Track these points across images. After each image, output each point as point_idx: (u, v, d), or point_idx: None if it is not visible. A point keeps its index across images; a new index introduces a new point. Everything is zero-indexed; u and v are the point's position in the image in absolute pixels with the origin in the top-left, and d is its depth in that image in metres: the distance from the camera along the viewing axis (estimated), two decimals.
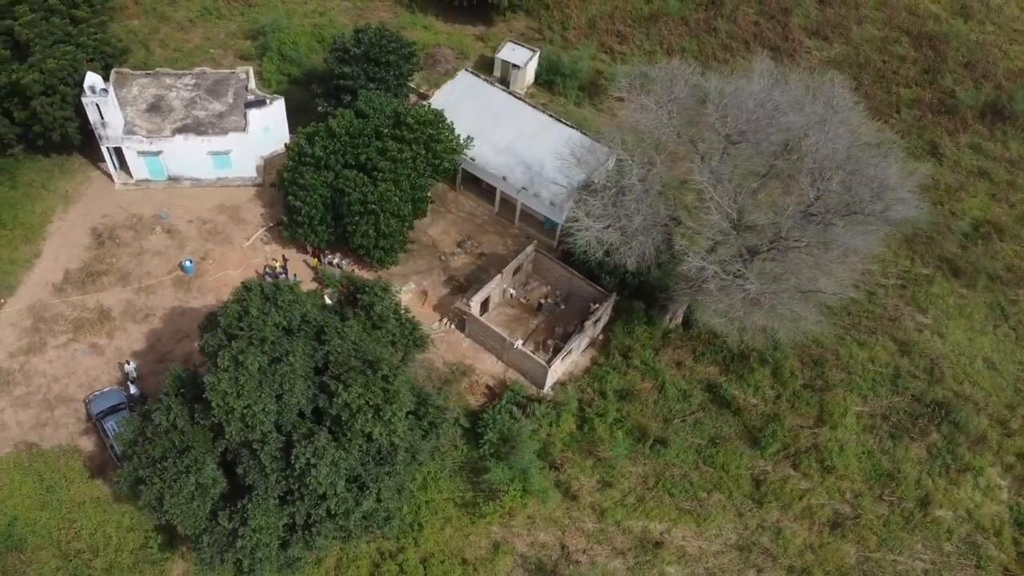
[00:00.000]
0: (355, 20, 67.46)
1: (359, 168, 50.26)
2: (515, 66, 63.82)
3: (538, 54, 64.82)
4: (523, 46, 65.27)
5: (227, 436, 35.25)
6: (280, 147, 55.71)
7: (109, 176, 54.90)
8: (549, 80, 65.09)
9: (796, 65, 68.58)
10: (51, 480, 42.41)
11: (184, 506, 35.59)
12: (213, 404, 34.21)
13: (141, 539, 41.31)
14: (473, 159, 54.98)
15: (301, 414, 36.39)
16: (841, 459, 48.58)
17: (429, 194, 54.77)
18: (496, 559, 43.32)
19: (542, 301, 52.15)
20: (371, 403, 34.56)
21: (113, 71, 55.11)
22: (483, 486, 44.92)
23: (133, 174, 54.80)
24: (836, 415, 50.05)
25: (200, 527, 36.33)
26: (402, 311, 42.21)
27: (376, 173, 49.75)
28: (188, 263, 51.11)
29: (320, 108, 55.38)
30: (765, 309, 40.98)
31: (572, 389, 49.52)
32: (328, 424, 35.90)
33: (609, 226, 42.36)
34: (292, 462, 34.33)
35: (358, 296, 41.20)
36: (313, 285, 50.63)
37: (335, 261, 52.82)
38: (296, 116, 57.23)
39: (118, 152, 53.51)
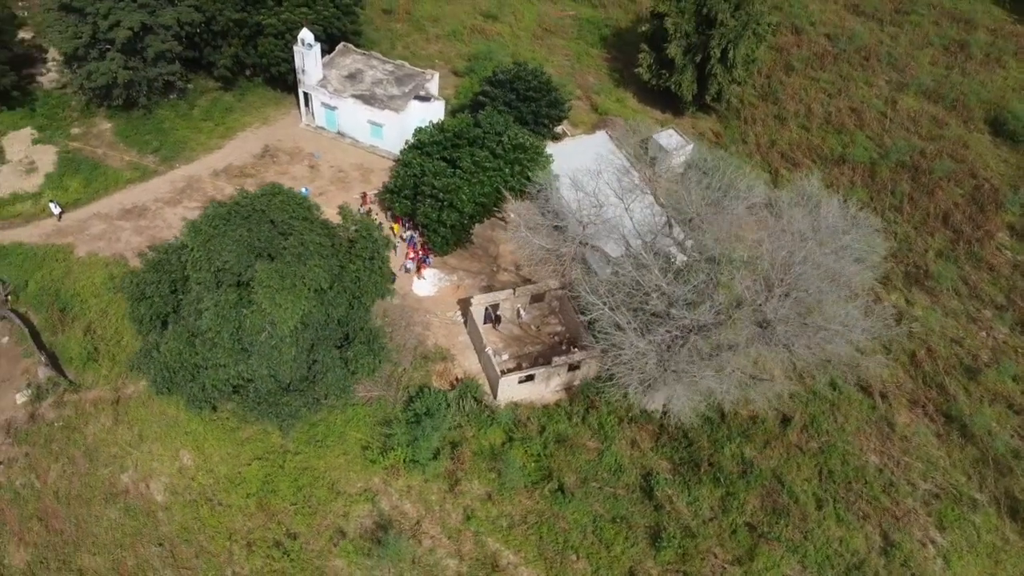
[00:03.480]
0: (561, 71, 76.18)
1: (449, 162, 57.97)
2: (664, 150, 67.38)
3: (692, 146, 67.64)
4: (682, 136, 68.56)
5: (187, 270, 44.46)
6: None
7: (300, 115, 68.88)
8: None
9: (972, 256, 63.31)
10: (114, 284, 54.95)
11: (144, 311, 45.45)
12: (182, 239, 43.86)
13: (138, 346, 51.90)
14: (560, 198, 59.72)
15: (240, 283, 44.40)
16: None
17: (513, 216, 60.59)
18: (357, 501, 47.09)
19: (498, 313, 54.94)
20: (272, 285, 41.50)
21: (341, 44, 69.52)
22: (386, 440, 48.99)
23: (315, 119, 68.23)
24: (761, 565, 45.98)
25: (143, 334, 45.87)
26: (382, 260, 48.45)
27: (458, 170, 57.05)
28: (305, 190, 62.30)
29: (464, 114, 64.33)
30: (635, 371, 40.55)
31: (519, 411, 51.51)
32: (248, 294, 43.46)
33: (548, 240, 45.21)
34: (196, 304, 42.52)
35: (355, 230, 48.50)
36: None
37: (409, 233, 60.73)
38: None
39: (309, 98, 67.18)
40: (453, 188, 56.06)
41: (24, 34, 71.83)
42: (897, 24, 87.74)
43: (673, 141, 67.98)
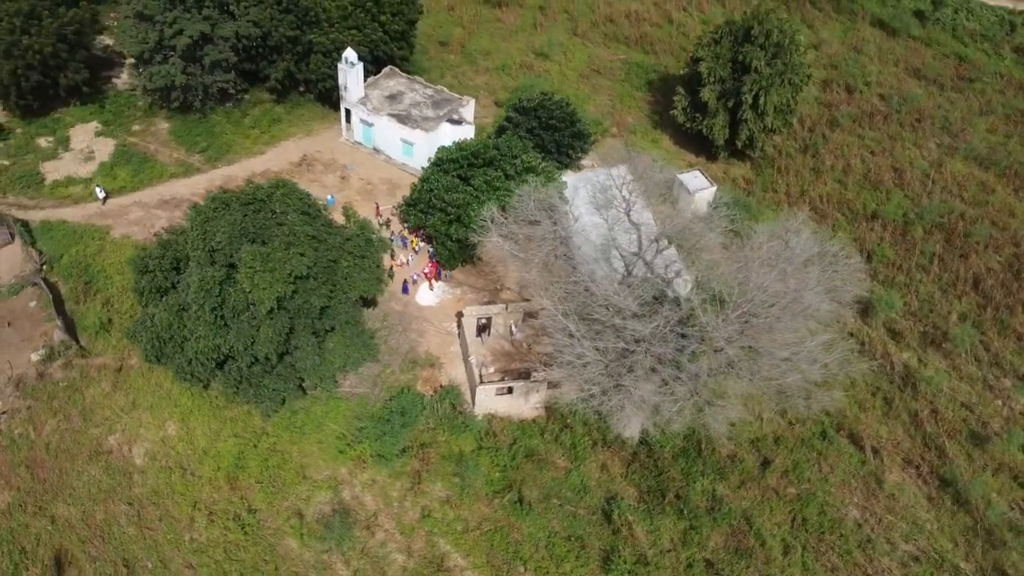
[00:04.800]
0: (601, 109, 77.88)
1: (464, 179, 59.99)
2: (687, 190, 67.68)
3: (715, 189, 67.71)
4: (707, 178, 68.75)
5: (187, 247, 47.57)
6: None
7: (342, 130, 72.59)
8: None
9: (999, 323, 60.62)
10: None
11: (145, 284, 48.70)
12: (186, 220, 47.10)
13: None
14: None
15: (232, 264, 47.08)
16: None
17: None
18: (321, 487, 48.39)
19: (484, 323, 55.57)
20: (254, 266, 43.96)
21: (388, 67, 73.24)
22: (358, 433, 50.32)
23: (354, 134, 71.77)
24: None
25: (143, 306, 49.09)
26: (373, 260, 50.46)
27: (469, 187, 58.97)
28: (331, 198, 65.54)
29: (491, 138, 66.54)
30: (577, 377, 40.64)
31: (495, 422, 52.00)
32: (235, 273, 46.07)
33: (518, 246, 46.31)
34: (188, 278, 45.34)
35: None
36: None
37: (420, 244, 62.82)
38: None
39: (350, 114, 70.85)
40: (462, 203, 57.88)
41: (109, 40, 78.73)
42: (959, 90, 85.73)
43: (697, 182, 68.21)
